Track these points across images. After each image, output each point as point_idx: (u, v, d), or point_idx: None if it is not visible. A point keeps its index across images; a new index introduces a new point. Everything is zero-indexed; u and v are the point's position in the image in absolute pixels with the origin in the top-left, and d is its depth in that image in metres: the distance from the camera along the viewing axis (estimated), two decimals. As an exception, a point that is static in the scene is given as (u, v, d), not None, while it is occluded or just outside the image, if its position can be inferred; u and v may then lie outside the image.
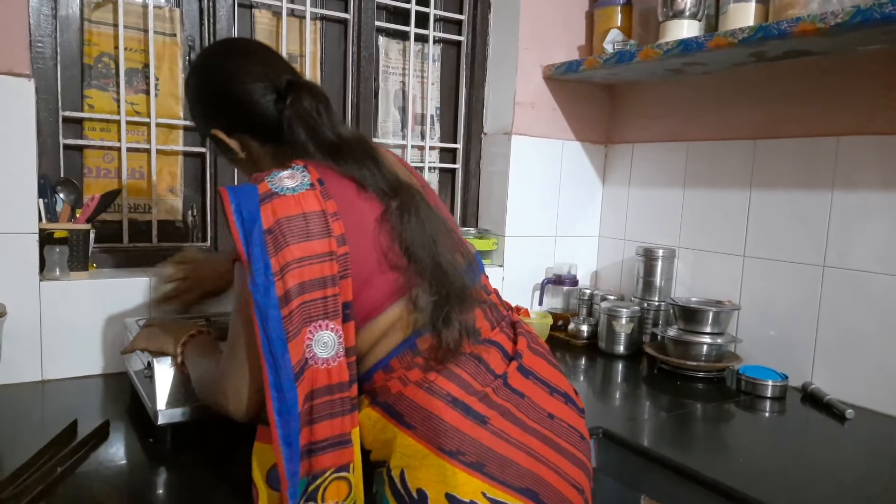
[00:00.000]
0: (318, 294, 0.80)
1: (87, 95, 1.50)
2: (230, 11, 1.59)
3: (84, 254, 1.40)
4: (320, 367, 0.80)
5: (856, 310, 1.42)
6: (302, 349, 0.79)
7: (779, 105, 1.58)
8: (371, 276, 0.86)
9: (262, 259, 0.78)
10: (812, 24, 1.24)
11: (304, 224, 0.81)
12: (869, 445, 1.23)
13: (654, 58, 1.55)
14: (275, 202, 0.81)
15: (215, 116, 1.01)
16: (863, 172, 1.42)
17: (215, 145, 1.04)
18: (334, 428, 0.80)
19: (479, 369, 0.87)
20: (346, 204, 0.86)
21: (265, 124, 0.98)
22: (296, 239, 0.80)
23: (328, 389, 0.80)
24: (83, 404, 1.24)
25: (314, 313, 0.80)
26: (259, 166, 1.01)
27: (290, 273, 0.79)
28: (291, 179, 0.84)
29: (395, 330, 0.88)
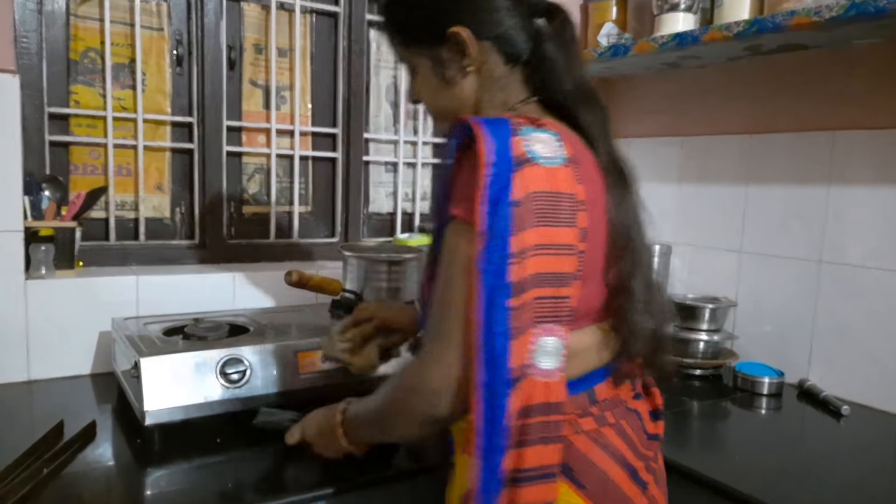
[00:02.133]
0: (550, 291, 0.68)
1: (74, 91, 1.48)
2: (218, 5, 1.57)
3: (70, 252, 1.38)
4: (538, 380, 0.68)
5: (852, 306, 1.42)
6: (524, 353, 0.67)
7: (774, 99, 1.58)
8: (594, 275, 0.74)
9: (503, 236, 0.65)
10: (807, 18, 1.23)
11: (554, 205, 0.68)
12: (865, 441, 1.22)
13: (649, 52, 1.54)
14: (527, 171, 0.67)
15: (460, 13, 0.81)
16: (858, 167, 1.41)
17: (433, 55, 0.83)
18: (545, 456, 0.68)
19: (638, 427, 0.81)
20: (594, 195, 0.73)
21: (517, 38, 0.81)
22: (543, 221, 0.67)
23: (545, 408, 0.68)
24: (70, 405, 1.22)
25: (546, 313, 0.68)
26: (481, 95, 0.84)
27: (530, 259, 0.66)
28: (545, 147, 0.70)
29: (596, 348, 0.77)
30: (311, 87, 1.77)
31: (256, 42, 1.68)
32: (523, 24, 0.82)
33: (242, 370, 1.08)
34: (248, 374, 1.08)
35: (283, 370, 1.12)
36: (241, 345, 1.11)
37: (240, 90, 1.67)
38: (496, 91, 0.83)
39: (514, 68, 0.83)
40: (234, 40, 1.64)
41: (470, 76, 0.83)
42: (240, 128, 1.68)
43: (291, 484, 0.96)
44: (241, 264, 1.63)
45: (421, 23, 0.84)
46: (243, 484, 0.97)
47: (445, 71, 0.83)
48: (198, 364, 1.06)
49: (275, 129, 1.69)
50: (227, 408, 1.07)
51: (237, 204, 1.70)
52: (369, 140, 1.86)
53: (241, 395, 1.08)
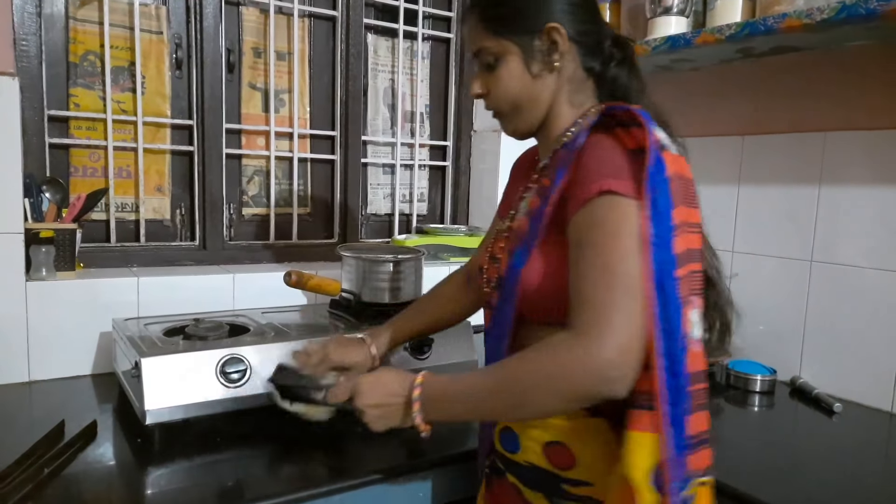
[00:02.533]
0: (696, 266, 0.73)
1: (73, 94, 1.49)
2: (217, 8, 1.58)
3: (70, 253, 1.39)
4: (695, 350, 0.72)
5: (843, 304, 1.43)
6: (690, 322, 0.71)
7: (766, 101, 1.59)
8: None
9: (666, 208, 0.70)
10: (798, 20, 1.24)
11: (688, 187, 0.75)
12: (857, 438, 1.23)
13: (643, 54, 1.55)
14: (668, 155, 0.73)
15: (561, 11, 0.83)
16: (849, 167, 1.43)
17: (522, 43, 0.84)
18: (703, 422, 0.71)
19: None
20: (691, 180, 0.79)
21: (594, 53, 0.86)
22: (688, 201, 0.74)
23: (700, 376, 0.72)
24: (70, 405, 1.23)
25: (695, 287, 0.73)
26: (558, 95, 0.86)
27: (684, 235, 0.72)
28: (664, 137, 0.76)
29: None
30: (309, 90, 1.78)
31: (255, 45, 1.70)
32: (599, 40, 0.87)
33: (242, 370, 1.09)
34: (249, 374, 1.09)
35: (283, 369, 1.13)
36: (241, 345, 1.12)
37: (239, 93, 1.69)
38: (574, 92, 0.87)
39: (588, 77, 0.88)
40: (232, 44, 1.66)
41: (553, 73, 0.85)
42: (239, 130, 1.69)
43: (292, 482, 0.97)
44: (241, 265, 1.64)
45: (522, 11, 0.85)
46: (244, 483, 0.98)
47: (533, 62, 0.85)
48: (198, 364, 1.07)
49: (274, 131, 1.71)
50: (227, 407, 1.08)
51: (237, 206, 1.71)
52: (367, 142, 1.88)
53: (241, 394, 1.09)
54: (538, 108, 0.87)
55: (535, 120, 0.88)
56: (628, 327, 0.67)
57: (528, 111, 0.88)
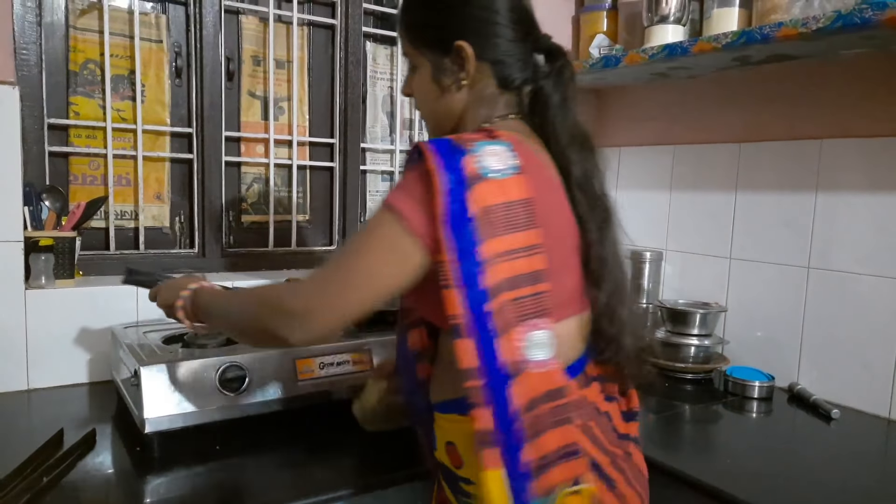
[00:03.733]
0: (528, 290, 0.73)
1: (73, 102, 1.49)
2: (217, 17, 1.59)
3: (70, 261, 1.39)
4: (535, 372, 0.73)
5: (840, 310, 1.44)
6: (515, 348, 0.72)
7: (763, 108, 1.60)
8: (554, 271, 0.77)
9: (470, 250, 0.71)
10: (794, 29, 1.25)
11: (507, 214, 0.73)
12: (855, 445, 1.24)
13: (640, 62, 1.56)
14: (481, 188, 0.72)
15: (469, 30, 0.86)
16: (846, 174, 1.43)
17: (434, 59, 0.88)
18: (561, 438, 0.73)
19: (608, 427, 0.84)
20: (543, 199, 0.78)
21: (514, 66, 0.87)
22: (501, 230, 0.72)
23: (548, 396, 0.73)
24: (69, 413, 1.23)
25: (527, 311, 0.73)
26: (468, 108, 0.88)
27: (496, 266, 0.72)
28: (497, 160, 0.74)
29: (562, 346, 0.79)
30: (308, 98, 1.79)
31: (255, 54, 1.71)
32: (523, 55, 0.87)
33: (241, 378, 1.09)
34: (247, 382, 1.10)
35: (282, 377, 1.14)
36: (240, 352, 1.12)
37: (238, 101, 1.69)
38: (482, 108, 0.88)
39: (505, 91, 0.88)
40: (232, 52, 1.66)
41: (463, 90, 0.88)
42: (238, 138, 1.70)
43: (291, 490, 0.97)
44: (241, 273, 1.65)
45: (433, 29, 0.89)
46: (243, 491, 0.98)
47: (442, 78, 0.88)
48: (197, 372, 1.07)
49: (273, 139, 1.71)
50: (226, 415, 1.08)
51: (236, 213, 1.71)
52: (366, 149, 1.88)
53: (240, 402, 1.09)
54: (446, 120, 0.90)
55: (443, 131, 0.90)
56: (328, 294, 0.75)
57: (437, 121, 0.92)
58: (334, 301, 0.75)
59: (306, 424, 1.17)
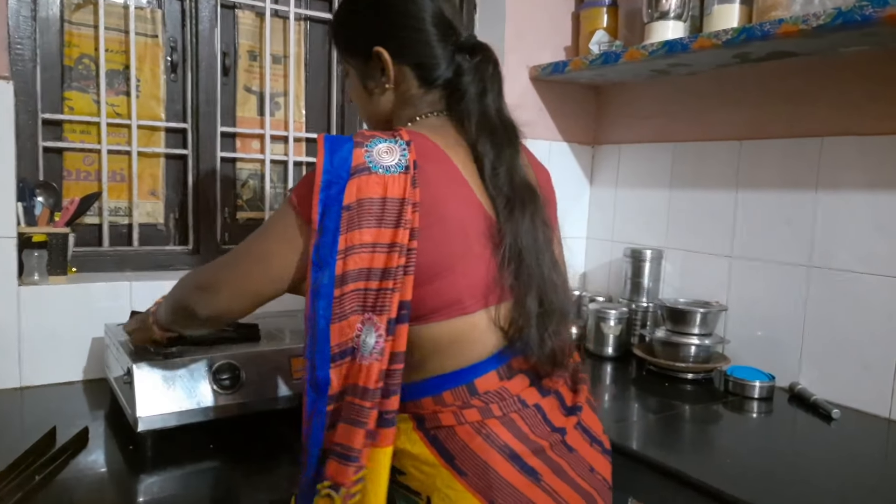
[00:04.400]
0: (374, 284, 0.76)
1: (67, 97, 1.48)
2: (213, 12, 1.58)
3: (63, 258, 1.38)
4: (359, 363, 0.76)
5: (841, 310, 1.43)
6: (348, 335, 0.76)
7: (763, 106, 1.59)
8: (445, 270, 0.80)
9: (333, 234, 0.75)
10: (794, 26, 1.24)
11: (381, 209, 0.77)
12: (855, 445, 1.23)
13: (640, 59, 1.55)
14: (362, 179, 0.77)
15: (387, 37, 0.90)
16: (846, 173, 1.42)
17: (359, 65, 0.94)
18: (349, 436, 0.75)
19: (537, 420, 0.83)
20: (433, 193, 0.79)
21: (436, 66, 0.90)
22: (369, 223, 0.76)
23: (362, 391, 0.75)
24: (62, 411, 1.22)
25: (369, 304, 0.76)
26: (395, 109, 0.93)
27: (354, 256, 0.76)
28: (389, 155, 0.78)
29: (467, 342, 0.82)
30: (305, 94, 1.78)
31: (251, 49, 1.69)
32: (445, 55, 0.90)
33: (235, 376, 1.08)
34: (241, 380, 1.08)
35: (276, 375, 1.13)
36: (234, 350, 1.11)
37: (234, 96, 1.68)
38: (407, 107, 0.92)
39: (429, 91, 0.91)
40: (228, 47, 1.65)
41: (388, 92, 0.93)
42: (234, 134, 1.69)
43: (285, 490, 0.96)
44: (235, 270, 1.63)
45: (354, 36, 0.95)
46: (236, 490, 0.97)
47: (367, 82, 0.94)
48: (190, 370, 1.06)
49: (269, 135, 1.70)
50: (220, 413, 1.07)
51: (231, 209, 1.70)
52: (363, 146, 1.87)
53: (234, 400, 1.08)
54: (378, 121, 0.96)
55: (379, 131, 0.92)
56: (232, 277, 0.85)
57: (372, 123, 0.98)
58: (235, 276, 0.85)
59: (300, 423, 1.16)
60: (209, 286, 0.87)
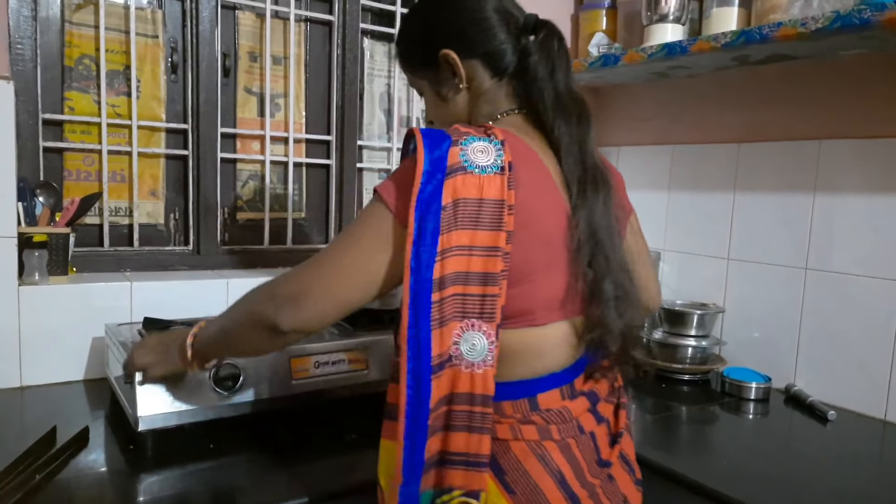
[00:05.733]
0: (477, 290, 0.73)
1: (68, 97, 1.48)
2: (213, 13, 1.58)
3: (64, 258, 1.38)
4: (463, 371, 0.73)
5: (837, 312, 1.44)
6: (448, 343, 0.72)
7: (762, 109, 1.60)
8: (525, 279, 0.77)
9: (433, 235, 0.71)
10: (793, 29, 1.25)
11: (478, 210, 0.73)
12: (851, 446, 1.24)
13: (639, 61, 1.56)
14: (458, 179, 0.73)
15: (451, 37, 0.88)
16: (844, 175, 1.43)
17: (428, 75, 0.92)
18: (470, 444, 0.72)
19: (591, 450, 0.81)
20: (526, 197, 0.77)
21: (503, 53, 0.87)
22: (466, 224, 0.73)
23: (469, 398, 0.73)
24: (62, 410, 1.22)
25: (469, 309, 0.73)
26: (472, 108, 0.91)
27: (452, 258, 0.72)
28: (485, 155, 0.75)
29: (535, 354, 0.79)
30: (305, 95, 1.78)
31: (251, 50, 1.70)
32: (510, 40, 0.87)
33: (236, 376, 1.08)
34: (242, 380, 1.09)
35: (276, 376, 1.13)
36: (235, 351, 1.11)
37: (234, 97, 1.68)
38: (484, 104, 0.90)
39: (501, 81, 0.89)
40: (228, 48, 1.65)
41: (462, 92, 0.90)
42: (234, 135, 1.69)
43: (284, 491, 0.96)
44: (235, 270, 1.64)
45: (416, 48, 0.93)
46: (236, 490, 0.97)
47: (441, 90, 0.92)
48: (191, 370, 1.06)
49: (269, 136, 1.70)
50: (220, 413, 1.07)
51: (231, 210, 1.70)
52: (363, 147, 1.87)
53: (234, 401, 1.08)
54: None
55: None
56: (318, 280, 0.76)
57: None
58: (327, 283, 0.76)
59: (301, 424, 1.16)
60: (294, 294, 0.77)
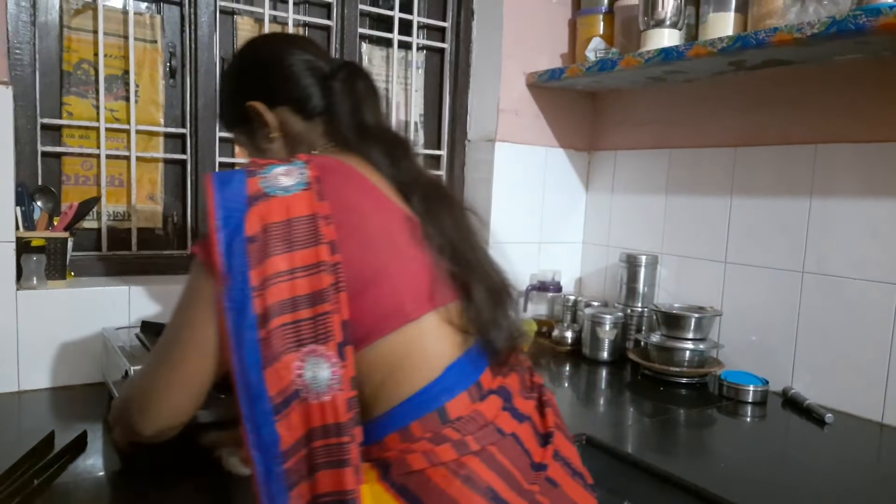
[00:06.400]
0: (307, 313, 0.68)
1: (66, 102, 1.49)
2: (212, 18, 1.59)
3: (62, 262, 1.38)
4: (313, 402, 0.67)
5: (834, 315, 1.44)
6: (288, 378, 0.66)
7: (758, 113, 1.61)
8: (378, 277, 0.73)
9: (241, 271, 0.67)
10: (789, 34, 1.26)
11: (289, 232, 0.70)
12: (848, 449, 1.24)
13: (636, 66, 1.57)
14: (261, 206, 0.70)
15: (255, 90, 0.92)
16: (840, 179, 1.44)
17: (244, 130, 0.96)
18: (334, 482, 0.66)
19: (517, 454, 0.74)
20: (345, 202, 0.75)
21: (310, 97, 0.91)
22: (279, 249, 0.69)
23: (324, 431, 0.67)
24: (61, 415, 1.22)
25: (305, 336, 0.68)
26: (291, 149, 0.93)
27: (272, 288, 0.67)
28: (287, 177, 0.73)
29: (421, 354, 0.74)
30: (303, 99, 1.78)
31: (249, 54, 1.70)
32: (316, 84, 0.92)
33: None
34: (240, 384, 1.08)
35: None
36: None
37: (232, 102, 1.69)
38: (299, 145, 0.93)
39: (313, 122, 0.93)
40: (227, 53, 1.66)
41: (277, 140, 0.94)
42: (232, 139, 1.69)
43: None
44: (233, 274, 1.63)
45: (229, 107, 0.99)
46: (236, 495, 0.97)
47: (256, 141, 0.96)
48: (190, 374, 1.06)
49: (267, 140, 1.70)
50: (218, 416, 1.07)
51: (229, 214, 1.70)
52: (361, 151, 1.88)
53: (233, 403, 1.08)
54: None
55: None
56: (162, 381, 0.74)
57: None
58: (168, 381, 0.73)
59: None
60: (141, 406, 0.74)
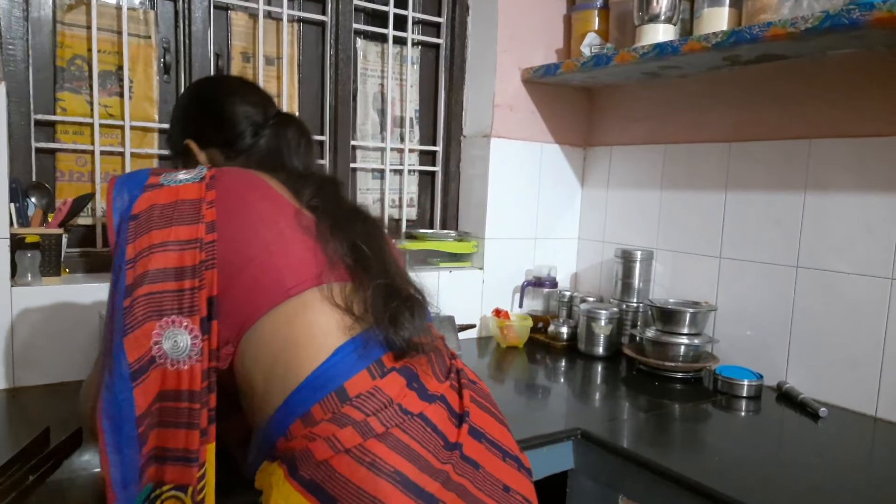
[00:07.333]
0: (171, 285, 0.72)
1: (60, 98, 1.48)
2: (206, 13, 1.58)
3: (56, 259, 1.38)
4: (170, 369, 0.72)
5: (828, 310, 1.45)
6: (147, 345, 0.71)
7: (753, 108, 1.61)
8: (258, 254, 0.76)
9: (123, 245, 0.74)
10: (783, 29, 1.26)
11: (172, 211, 0.76)
12: (842, 443, 1.25)
13: (631, 61, 1.57)
14: (153, 192, 0.78)
15: (192, 131, 1.03)
16: (835, 174, 1.44)
17: (182, 158, 1.05)
18: (178, 440, 0.72)
19: (427, 435, 0.72)
20: (232, 191, 0.81)
21: (240, 142, 1.00)
22: (158, 225, 0.75)
23: (175, 395, 0.72)
24: (56, 412, 1.22)
25: (167, 306, 0.72)
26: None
27: (143, 259, 0.73)
28: (186, 175, 0.82)
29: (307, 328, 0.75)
30: (298, 95, 1.78)
31: (244, 50, 1.70)
32: (249, 130, 1.00)
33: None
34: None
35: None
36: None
37: (227, 97, 1.68)
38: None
39: (237, 158, 1.00)
40: (221, 48, 1.65)
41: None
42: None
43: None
44: (228, 271, 1.63)
45: (172, 140, 1.08)
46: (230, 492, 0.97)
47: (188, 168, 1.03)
48: (185, 370, 1.06)
49: (262, 136, 1.70)
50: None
51: (224, 210, 1.70)
52: (356, 147, 1.88)
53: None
54: None
55: None
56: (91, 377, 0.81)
57: None
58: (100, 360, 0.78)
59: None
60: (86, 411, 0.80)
